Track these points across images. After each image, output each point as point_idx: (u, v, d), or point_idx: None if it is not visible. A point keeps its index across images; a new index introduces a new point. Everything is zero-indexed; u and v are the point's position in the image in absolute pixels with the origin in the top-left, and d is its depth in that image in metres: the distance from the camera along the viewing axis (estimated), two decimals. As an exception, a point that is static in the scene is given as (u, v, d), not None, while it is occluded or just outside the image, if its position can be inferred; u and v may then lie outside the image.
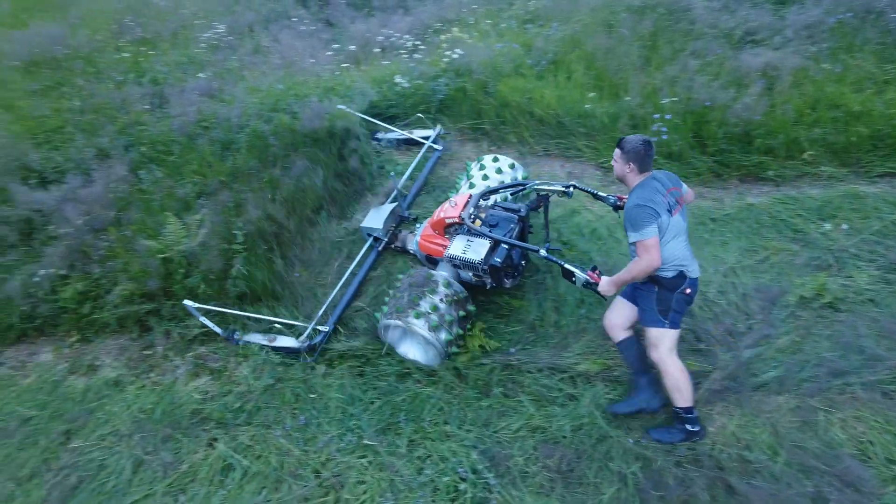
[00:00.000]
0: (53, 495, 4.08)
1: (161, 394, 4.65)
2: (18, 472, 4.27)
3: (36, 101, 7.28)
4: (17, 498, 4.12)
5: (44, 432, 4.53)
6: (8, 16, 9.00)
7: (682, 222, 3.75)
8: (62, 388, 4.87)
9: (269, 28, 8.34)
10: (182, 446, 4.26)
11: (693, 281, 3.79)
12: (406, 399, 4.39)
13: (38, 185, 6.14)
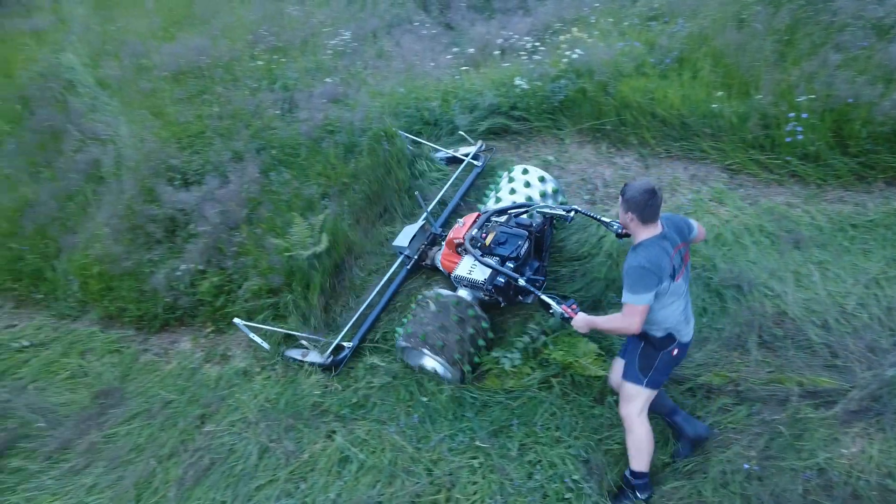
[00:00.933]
0: (189, 474, 4.42)
1: (285, 385, 4.91)
2: (159, 451, 4.66)
3: (181, 108, 7.87)
4: (158, 475, 4.49)
5: (182, 415, 4.91)
6: (160, 30, 9.78)
7: (684, 286, 3.49)
8: (198, 375, 5.26)
9: (392, 33, 8.57)
10: (303, 436, 4.48)
11: (683, 345, 3.57)
12: (519, 403, 4.39)
13: (181, 186, 6.64)
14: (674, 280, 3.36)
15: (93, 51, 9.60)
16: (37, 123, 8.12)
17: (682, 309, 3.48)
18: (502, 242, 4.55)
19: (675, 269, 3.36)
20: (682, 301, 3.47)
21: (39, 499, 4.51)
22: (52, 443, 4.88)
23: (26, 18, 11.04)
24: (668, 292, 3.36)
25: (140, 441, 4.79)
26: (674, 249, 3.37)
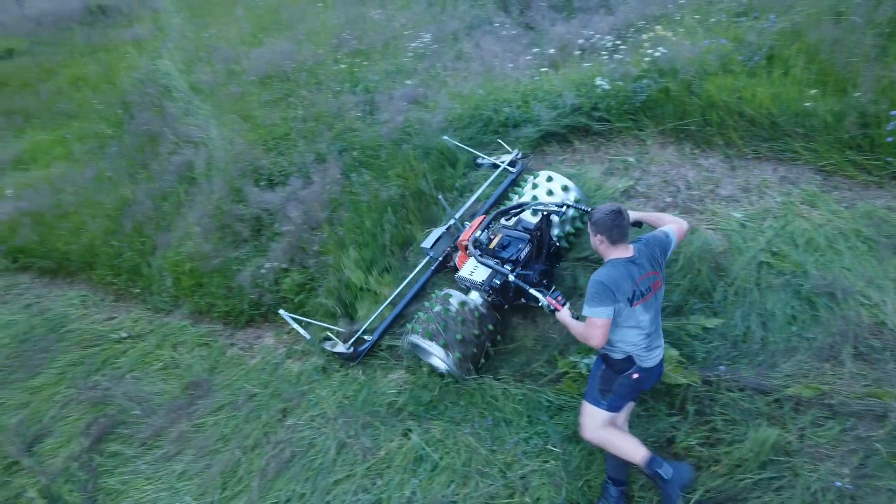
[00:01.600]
0: (271, 465, 4.58)
1: (362, 383, 5.01)
2: (244, 442, 4.85)
3: (268, 111, 8.17)
4: (243, 464, 4.68)
5: (265, 408, 5.09)
6: (249, 36, 10.17)
7: (644, 314, 3.44)
8: (281, 370, 5.44)
9: (472, 34, 8.59)
10: (380, 434, 4.57)
11: (644, 370, 3.53)
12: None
13: (266, 187, 6.89)
14: (631, 305, 3.37)
15: (187, 57, 10.09)
16: (136, 127, 8.59)
17: (643, 336, 3.48)
18: (506, 245, 4.69)
19: (636, 295, 3.38)
20: (642, 328, 3.46)
21: (135, 482, 4.79)
22: (146, 430, 5.17)
23: (128, 28, 11.70)
24: (621, 314, 3.38)
25: (226, 431, 5.01)
26: (641, 276, 3.40)
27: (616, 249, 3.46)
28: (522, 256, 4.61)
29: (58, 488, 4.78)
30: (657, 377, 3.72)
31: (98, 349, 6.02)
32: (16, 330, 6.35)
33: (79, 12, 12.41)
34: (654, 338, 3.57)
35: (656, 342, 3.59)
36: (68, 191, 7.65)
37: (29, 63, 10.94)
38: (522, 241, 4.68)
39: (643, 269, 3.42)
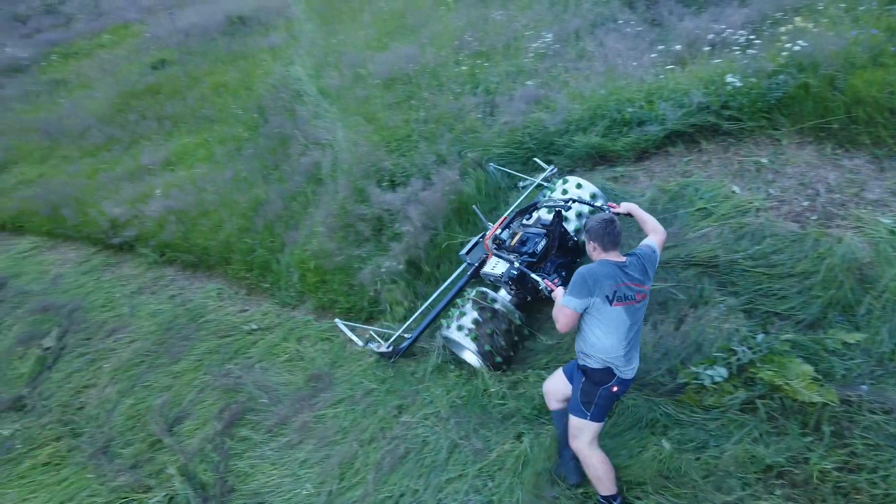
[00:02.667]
0: (386, 460, 4.71)
1: (475, 384, 5.05)
2: (361, 435, 5.01)
3: (391, 114, 8.39)
4: (360, 457, 4.84)
5: (382, 404, 5.24)
6: (374, 41, 10.50)
7: (626, 319, 3.53)
8: (396, 367, 5.58)
9: (595, 32, 8.41)
10: (491, 436, 4.58)
11: (623, 381, 3.64)
12: (717, 424, 4.12)
13: (388, 188, 7.08)
14: (610, 304, 3.49)
15: (317, 63, 10.55)
16: (270, 130, 9.09)
17: (623, 344, 3.55)
18: (524, 241, 5.07)
19: (617, 297, 3.49)
20: (621, 334, 3.54)
21: (261, 466, 5.08)
22: (272, 418, 5.47)
23: (265, 37, 12.39)
24: (600, 313, 3.51)
25: (345, 424, 5.20)
26: (627, 282, 3.53)
27: (608, 256, 3.64)
28: (538, 250, 4.97)
29: (194, 467, 5.15)
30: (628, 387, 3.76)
31: (231, 339, 6.43)
32: (162, 318, 6.90)
33: (222, 24, 13.29)
34: (634, 345, 3.65)
35: (634, 350, 3.67)
36: (209, 190, 8.22)
37: (178, 72, 11.84)
38: (539, 236, 5.06)
39: (630, 278, 3.56)
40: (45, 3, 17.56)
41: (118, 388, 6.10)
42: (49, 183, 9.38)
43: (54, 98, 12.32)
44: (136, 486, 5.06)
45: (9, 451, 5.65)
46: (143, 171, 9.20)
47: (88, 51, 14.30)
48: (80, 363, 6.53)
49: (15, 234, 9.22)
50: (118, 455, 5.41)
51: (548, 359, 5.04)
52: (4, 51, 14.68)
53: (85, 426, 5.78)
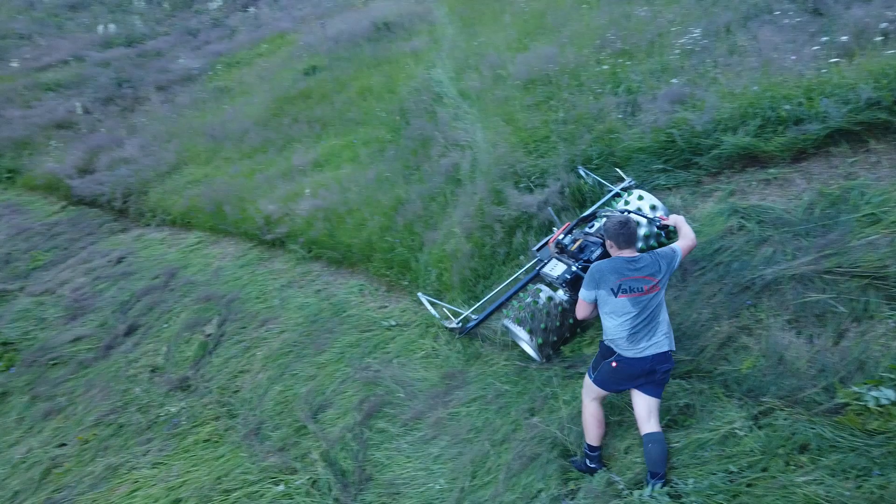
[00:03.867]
0: (516, 462, 4.73)
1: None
2: (493, 435, 5.07)
3: (530, 115, 8.38)
4: (491, 457, 4.90)
5: (513, 405, 5.27)
6: (515, 42, 10.53)
7: (631, 309, 4.04)
8: (527, 371, 5.59)
9: (748, 26, 7.93)
10: (615, 443, 4.48)
11: (625, 359, 4.10)
12: (883, 451, 3.79)
13: (525, 189, 7.09)
14: (615, 296, 4.07)
15: (457, 65, 10.74)
16: (412, 132, 9.36)
17: (626, 328, 4.07)
18: (583, 248, 5.41)
19: (622, 289, 4.06)
20: (627, 321, 4.06)
21: (397, 459, 5.27)
22: (408, 412, 5.65)
23: (408, 42, 12.78)
24: (607, 305, 4.14)
25: (478, 423, 5.28)
26: (633, 276, 4.07)
27: (621, 253, 4.21)
28: (593, 258, 5.26)
29: (335, 454, 5.43)
30: (643, 369, 4.10)
31: (371, 334, 6.71)
32: (308, 311, 7.32)
33: (368, 30, 13.85)
34: (644, 333, 4.08)
35: (645, 338, 4.08)
36: (353, 190, 8.60)
37: (327, 77, 12.49)
38: (596, 245, 5.36)
39: (638, 272, 4.09)
40: (212, 17, 19.12)
41: (269, 375, 6.54)
42: (213, 182, 10.22)
43: (219, 104, 13.40)
44: (283, 468, 5.41)
45: (175, 427, 6.23)
46: (295, 171, 9.78)
47: (249, 60, 15.41)
48: (236, 350, 7.07)
49: (184, 229, 10.13)
50: (268, 437, 5.81)
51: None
52: (178, 62, 16.15)
53: (240, 408, 6.25)
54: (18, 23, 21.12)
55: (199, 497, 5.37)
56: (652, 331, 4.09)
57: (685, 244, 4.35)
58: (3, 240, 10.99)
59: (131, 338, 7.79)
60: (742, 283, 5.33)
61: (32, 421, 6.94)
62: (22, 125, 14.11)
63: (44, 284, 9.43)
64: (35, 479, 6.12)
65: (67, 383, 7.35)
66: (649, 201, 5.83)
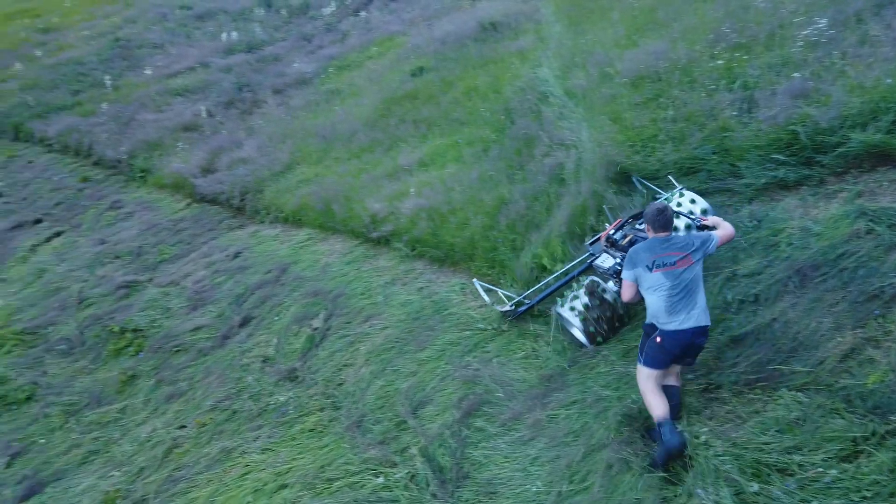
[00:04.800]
0: (614, 468, 4.63)
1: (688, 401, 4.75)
2: (590, 441, 4.97)
3: (637, 113, 8.17)
4: (588, 462, 4.81)
5: (612, 410, 5.14)
6: (623, 38, 10.27)
7: (665, 282, 4.46)
8: (626, 378, 5.44)
9: (881, 14, 7.36)
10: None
11: (668, 333, 4.46)
12: None
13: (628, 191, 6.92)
14: (651, 271, 4.52)
15: (563, 64, 10.61)
16: (516, 132, 9.34)
17: (663, 302, 4.48)
18: (633, 243, 5.53)
19: (656, 264, 4.52)
20: (662, 292, 4.48)
21: (494, 458, 5.27)
22: (507, 412, 5.64)
23: (514, 41, 12.75)
24: (644, 281, 4.60)
25: (576, 427, 5.19)
26: (668, 251, 4.52)
27: (657, 235, 4.67)
28: None
29: (433, 450, 5.51)
30: (685, 342, 4.50)
31: (471, 333, 6.74)
32: (410, 308, 7.45)
33: (474, 30, 13.91)
34: (681, 306, 4.47)
35: (684, 311, 4.46)
36: (457, 189, 8.68)
37: (433, 78, 12.66)
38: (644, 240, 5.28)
39: (671, 248, 4.56)
40: (326, 22, 19.84)
41: (371, 370, 6.72)
42: (323, 181, 10.59)
43: (330, 106, 13.87)
44: (383, 460, 5.55)
45: (284, 416, 6.53)
46: (400, 170, 9.98)
47: (359, 62, 15.86)
48: (341, 344, 7.31)
49: (295, 226, 10.56)
50: (369, 430, 5.97)
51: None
52: (293, 66, 16.86)
53: (343, 401, 6.46)
54: (153, 33, 22.72)
55: (303, 484, 5.61)
56: (690, 305, 4.47)
57: (723, 233, 4.76)
58: (135, 234, 11.88)
59: (245, 329, 8.22)
60: (869, 292, 4.98)
61: (157, 403, 7.47)
62: (154, 128, 15.16)
63: (169, 276, 10.12)
64: (158, 457, 6.59)
65: (188, 369, 7.86)
66: (701, 205, 6.09)
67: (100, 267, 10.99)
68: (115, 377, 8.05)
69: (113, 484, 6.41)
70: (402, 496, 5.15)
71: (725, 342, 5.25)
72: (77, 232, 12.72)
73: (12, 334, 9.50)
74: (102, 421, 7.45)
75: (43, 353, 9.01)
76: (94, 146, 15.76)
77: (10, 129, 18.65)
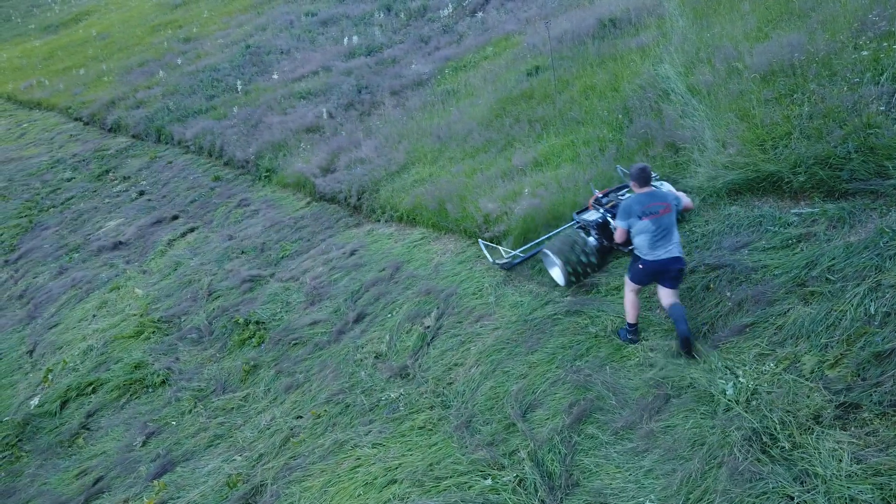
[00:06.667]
0: (735, 491, 4.33)
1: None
2: (710, 456, 4.69)
3: (768, 110, 7.66)
4: (708, 480, 4.54)
5: (735, 425, 4.83)
6: (754, 31, 9.68)
7: (651, 227, 5.69)
8: (757, 395, 5.09)
9: None
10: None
11: (648, 262, 5.80)
12: None
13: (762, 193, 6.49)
14: (640, 219, 5.70)
15: (687, 59, 10.14)
16: (634, 130, 9.04)
17: (647, 240, 5.71)
18: (615, 206, 7.04)
19: (644, 213, 5.68)
20: (647, 235, 5.70)
21: (605, 467, 5.10)
22: (619, 420, 5.44)
23: (634, 37, 12.34)
24: (635, 227, 5.77)
25: (695, 440, 4.92)
26: (652, 202, 5.72)
27: (642, 189, 5.83)
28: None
29: (543, 455, 5.40)
30: (664, 268, 5.75)
31: (583, 337, 6.56)
32: (521, 310, 7.35)
33: (593, 27, 13.60)
34: (661, 243, 5.69)
35: (663, 247, 5.69)
36: (572, 189, 8.50)
37: (550, 77, 12.47)
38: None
39: (655, 200, 5.74)
40: (443, 24, 20.07)
41: (481, 370, 6.69)
42: (437, 181, 10.70)
43: (445, 106, 14.01)
44: (491, 462, 5.51)
45: (394, 412, 6.63)
46: (514, 170, 9.91)
47: (475, 63, 15.92)
48: (451, 343, 7.33)
49: (409, 225, 10.73)
50: (478, 431, 5.95)
51: None
52: (411, 68, 17.18)
53: (453, 400, 6.47)
54: (280, 39, 23.90)
55: (412, 481, 5.66)
56: (667, 242, 5.71)
57: (687, 202, 6.10)
58: (260, 231, 12.51)
59: (359, 325, 8.44)
60: None
61: (276, 393, 7.81)
62: (279, 130, 15.92)
63: (290, 272, 10.57)
64: (276, 445, 6.88)
65: (305, 362, 8.16)
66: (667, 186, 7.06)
67: (227, 261, 11.65)
68: (239, 366, 8.50)
69: (235, 467, 6.75)
70: (509, 500, 5.08)
71: (867, 358, 4.80)
72: (208, 228, 13.57)
73: (151, 322, 10.26)
74: (227, 407, 7.87)
75: (176, 341, 9.66)
76: (226, 147, 16.75)
77: (153, 132, 20.17)
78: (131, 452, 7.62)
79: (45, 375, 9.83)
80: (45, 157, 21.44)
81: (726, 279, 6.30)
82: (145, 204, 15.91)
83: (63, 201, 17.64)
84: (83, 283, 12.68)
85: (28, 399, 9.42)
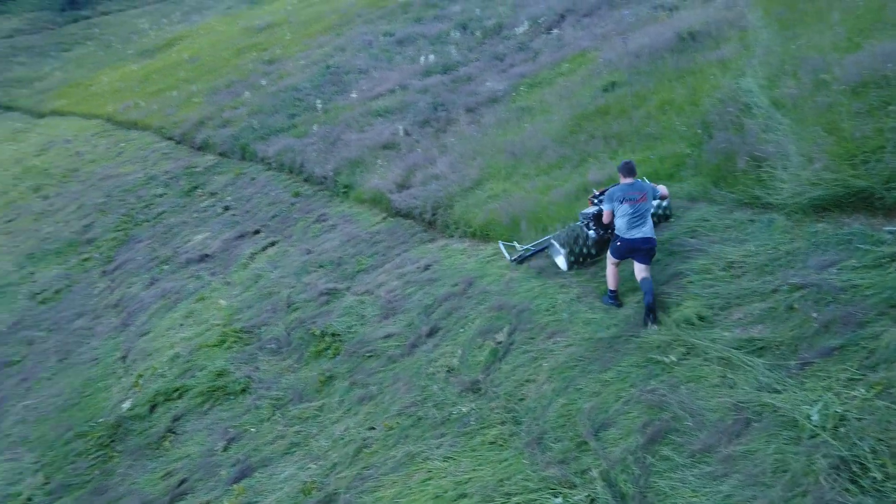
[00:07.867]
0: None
1: None
2: (795, 484, 4.49)
3: (859, 123, 7.34)
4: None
5: (819, 450, 4.61)
6: (843, 41, 9.31)
7: (629, 210, 6.86)
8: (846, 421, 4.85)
9: None
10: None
11: (624, 239, 6.96)
12: None
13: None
14: (621, 203, 6.94)
15: (770, 72, 9.85)
16: (714, 146, 8.82)
17: (625, 222, 6.93)
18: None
19: (625, 199, 6.93)
20: (627, 217, 6.91)
21: (681, 491, 4.95)
22: (696, 443, 5.28)
23: (714, 50, 12.06)
24: (618, 210, 7.00)
25: (778, 466, 4.73)
26: (632, 192, 6.94)
27: (624, 180, 7.04)
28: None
29: (615, 475, 5.31)
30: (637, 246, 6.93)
31: (657, 356, 6.40)
32: (595, 328, 7.25)
33: (671, 41, 13.35)
34: (637, 225, 6.89)
35: (638, 227, 6.90)
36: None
37: (626, 92, 12.34)
38: None
39: (634, 190, 6.96)
40: (518, 42, 20.15)
41: (553, 387, 6.64)
42: (510, 197, 10.72)
43: (520, 123, 14.03)
44: (562, 480, 5.45)
45: (465, 426, 6.65)
46: (589, 186, 9.81)
47: (550, 80, 15.90)
48: (524, 359, 7.31)
49: (482, 241, 10.76)
50: (549, 448, 5.90)
51: None
52: (485, 85, 17.32)
53: (524, 416, 6.44)
54: (359, 59, 24.52)
55: (482, 496, 5.66)
56: (641, 225, 6.86)
57: (663, 192, 7.40)
58: (337, 245, 12.83)
59: (432, 339, 8.52)
60: None
61: (350, 404, 7.97)
62: (356, 147, 16.32)
63: (365, 286, 10.79)
64: (349, 455, 7.01)
65: (378, 374, 8.30)
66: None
67: (305, 275, 12.00)
68: (315, 377, 8.72)
69: (310, 475, 6.92)
70: (580, 519, 5.01)
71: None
72: (288, 242, 14.02)
73: (233, 332, 10.67)
74: (303, 416, 8.09)
75: (256, 351, 10.01)
76: (305, 164, 17.29)
77: (238, 149, 21.04)
78: (213, 456, 7.93)
79: (136, 380, 10.37)
80: (139, 174, 22.67)
81: (812, 299, 6.04)
82: (230, 218, 16.58)
83: (155, 216, 18.61)
84: (172, 294, 13.33)
85: (121, 402, 9.96)
